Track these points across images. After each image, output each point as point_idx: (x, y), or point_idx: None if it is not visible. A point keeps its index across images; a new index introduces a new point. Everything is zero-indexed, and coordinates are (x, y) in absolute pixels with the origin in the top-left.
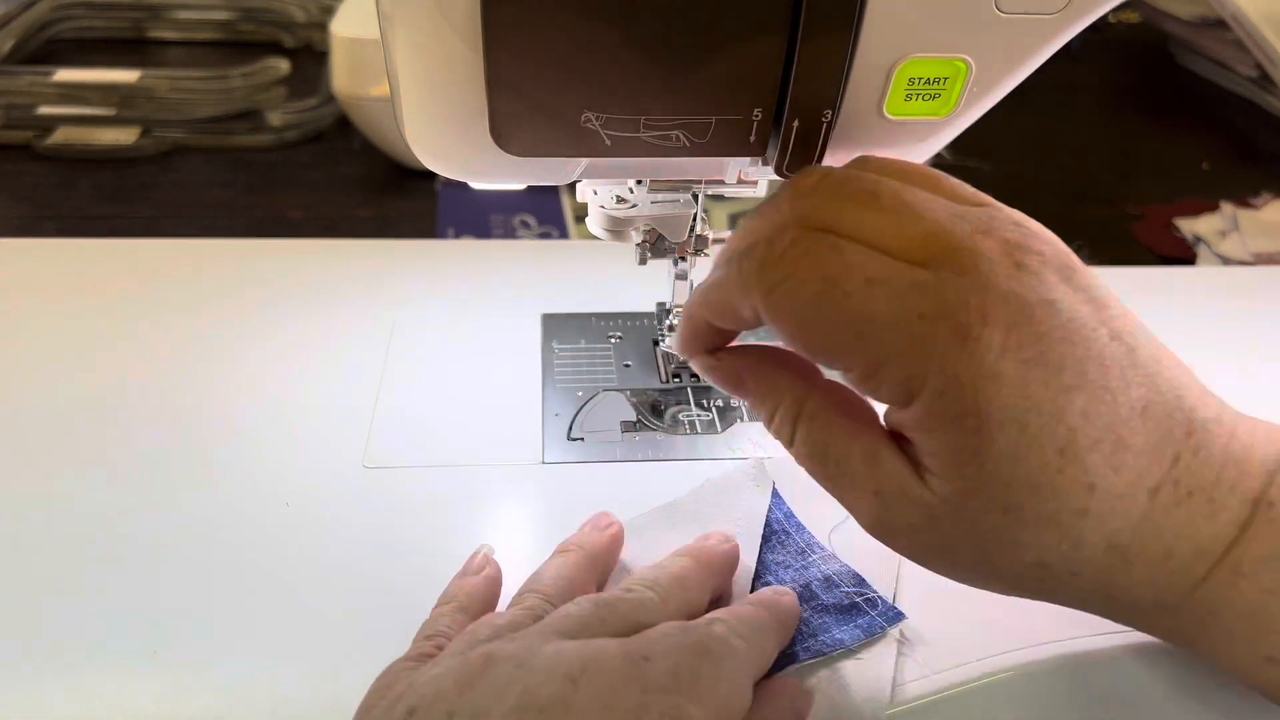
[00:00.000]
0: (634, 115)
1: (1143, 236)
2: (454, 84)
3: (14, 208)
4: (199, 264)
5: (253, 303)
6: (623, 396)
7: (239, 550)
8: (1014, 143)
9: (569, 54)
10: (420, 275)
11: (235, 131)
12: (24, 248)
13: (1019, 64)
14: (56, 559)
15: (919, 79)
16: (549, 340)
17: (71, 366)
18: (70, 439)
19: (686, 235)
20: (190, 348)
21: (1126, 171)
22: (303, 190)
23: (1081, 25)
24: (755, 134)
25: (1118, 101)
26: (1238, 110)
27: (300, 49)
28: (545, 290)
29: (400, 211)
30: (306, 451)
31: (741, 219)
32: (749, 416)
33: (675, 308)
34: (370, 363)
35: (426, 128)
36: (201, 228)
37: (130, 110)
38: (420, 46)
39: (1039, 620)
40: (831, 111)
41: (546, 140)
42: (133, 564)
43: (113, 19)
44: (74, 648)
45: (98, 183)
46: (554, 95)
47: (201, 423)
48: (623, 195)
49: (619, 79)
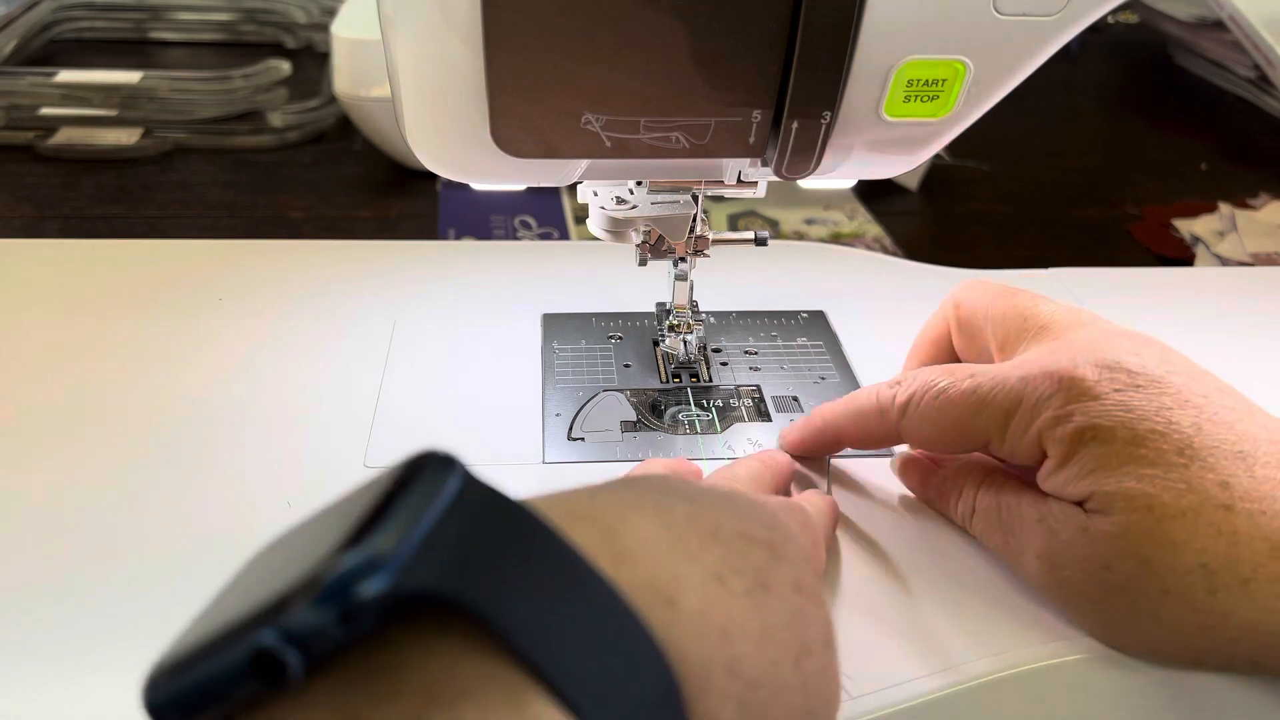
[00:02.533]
0: (634, 116)
1: (1141, 237)
2: (455, 85)
3: (16, 208)
4: (200, 264)
5: (254, 303)
6: (623, 396)
7: (240, 550)
8: (1014, 143)
9: (569, 55)
10: (421, 276)
11: (237, 132)
12: (26, 248)
13: (1018, 65)
14: (56, 559)
15: (918, 80)
16: (549, 340)
17: (73, 366)
18: (71, 438)
19: (686, 236)
20: (191, 348)
21: (1125, 172)
22: (304, 191)
23: (1080, 27)
24: (755, 135)
25: (1116, 102)
26: (1236, 111)
27: (301, 50)
28: (545, 290)
29: (401, 212)
30: (308, 451)
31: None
32: (749, 417)
33: (675, 308)
34: (371, 363)
35: (427, 129)
36: (203, 228)
37: (132, 111)
38: (421, 48)
39: (1037, 620)
40: (831, 112)
41: (547, 142)
42: (133, 564)
43: (114, 20)
44: (74, 648)
45: (100, 183)
46: (554, 97)
47: (203, 422)
48: (623, 196)
49: (619, 80)
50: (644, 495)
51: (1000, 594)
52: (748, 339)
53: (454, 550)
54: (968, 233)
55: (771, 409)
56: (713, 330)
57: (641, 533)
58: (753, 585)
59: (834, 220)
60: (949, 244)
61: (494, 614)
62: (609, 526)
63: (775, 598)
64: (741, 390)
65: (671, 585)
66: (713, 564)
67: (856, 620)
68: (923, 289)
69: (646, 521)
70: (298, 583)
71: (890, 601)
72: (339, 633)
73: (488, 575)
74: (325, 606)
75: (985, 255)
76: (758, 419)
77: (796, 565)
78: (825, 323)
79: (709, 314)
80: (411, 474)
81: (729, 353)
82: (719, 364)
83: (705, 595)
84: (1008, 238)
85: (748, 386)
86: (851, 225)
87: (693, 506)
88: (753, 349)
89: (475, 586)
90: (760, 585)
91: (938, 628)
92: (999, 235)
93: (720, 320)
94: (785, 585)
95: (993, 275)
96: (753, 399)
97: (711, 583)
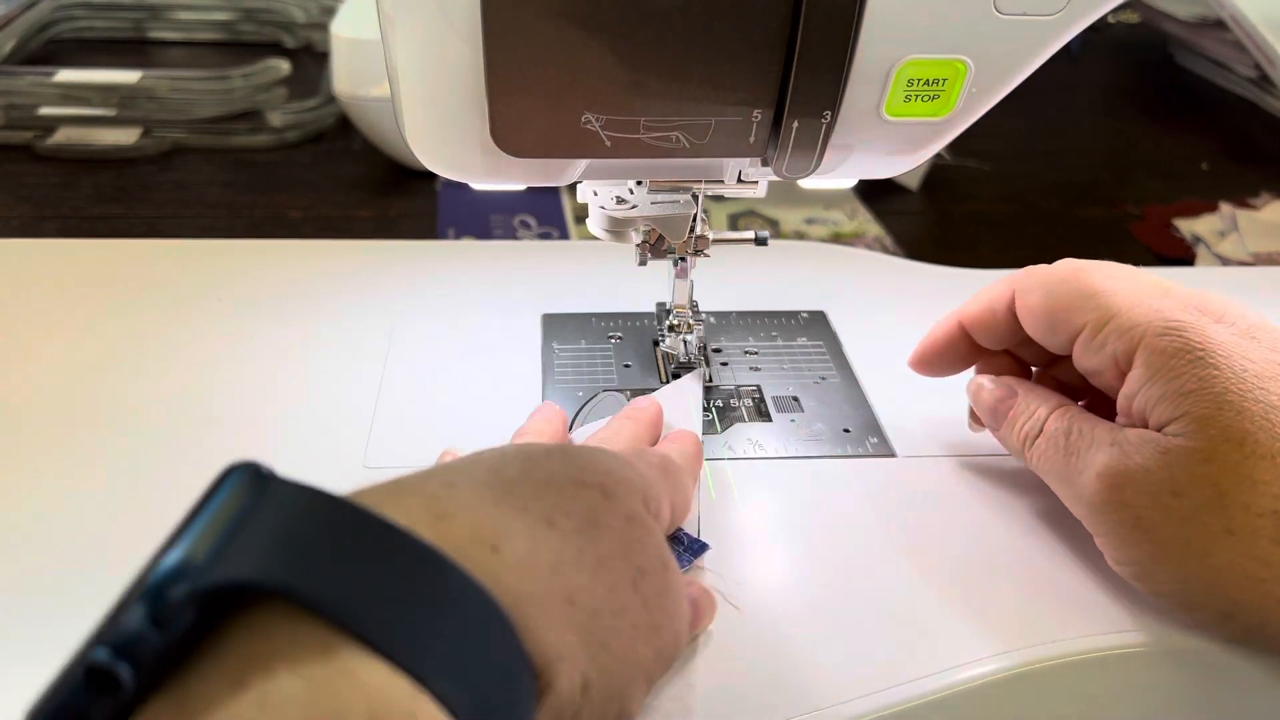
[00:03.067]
0: (634, 116)
1: (1142, 236)
2: (454, 85)
3: (15, 208)
4: (199, 264)
5: (253, 303)
6: (623, 396)
7: None
8: (1014, 143)
9: (569, 55)
10: (421, 275)
11: (236, 132)
12: (25, 248)
13: (1018, 65)
14: (56, 559)
15: (918, 80)
16: (549, 340)
17: (72, 366)
18: (70, 438)
19: (686, 235)
20: (190, 348)
21: (1126, 172)
22: (303, 190)
23: (1080, 26)
24: (755, 135)
25: (1117, 101)
26: (1237, 111)
27: (301, 49)
28: (545, 290)
29: (400, 212)
30: (307, 452)
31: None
32: (749, 417)
33: (675, 308)
34: (371, 363)
35: (427, 128)
36: (202, 228)
37: (131, 111)
38: (421, 47)
39: (1039, 620)
40: (831, 112)
41: (547, 141)
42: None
43: (113, 19)
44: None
45: (98, 183)
46: (554, 96)
47: (202, 422)
48: (623, 196)
49: (619, 80)
50: (480, 460)
51: (1003, 593)
52: (748, 339)
53: (256, 541)
54: (968, 232)
55: (772, 409)
56: (713, 330)
57: (466, 493)
58: (583, 523)
59: (834, 220)
60: (950, 244)
61: (297, 588)
62: (432, 494)
63: (606, 530)
64: (742, 390)
65: (495, 534)
66: (543, 510)
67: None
68: (923, 289)
69: (473, 484)
70: (120, 599)
71: (956, 584)
72: (157, 636)
73: (290, 557)
74: (138, 614)
75: (986, 255)
76: (758, 419)
77: (629, 499)
78: (825, 323)
79: (709, 314)
80: (215, 485)
81: (729, 353)
82: (719, 364)
83: (533, 537)
84: (1008, 237)
85: (748, 386)
86: (852, 225)
87: (527, 464)
88: (753, 349)
89: (278, 570)
90: (590, 522)
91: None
92: (1000, 235)
93: (720, 320)
94: (616, 518)
95: (993, 275)
96: (753, 399)
97: (540, 526)
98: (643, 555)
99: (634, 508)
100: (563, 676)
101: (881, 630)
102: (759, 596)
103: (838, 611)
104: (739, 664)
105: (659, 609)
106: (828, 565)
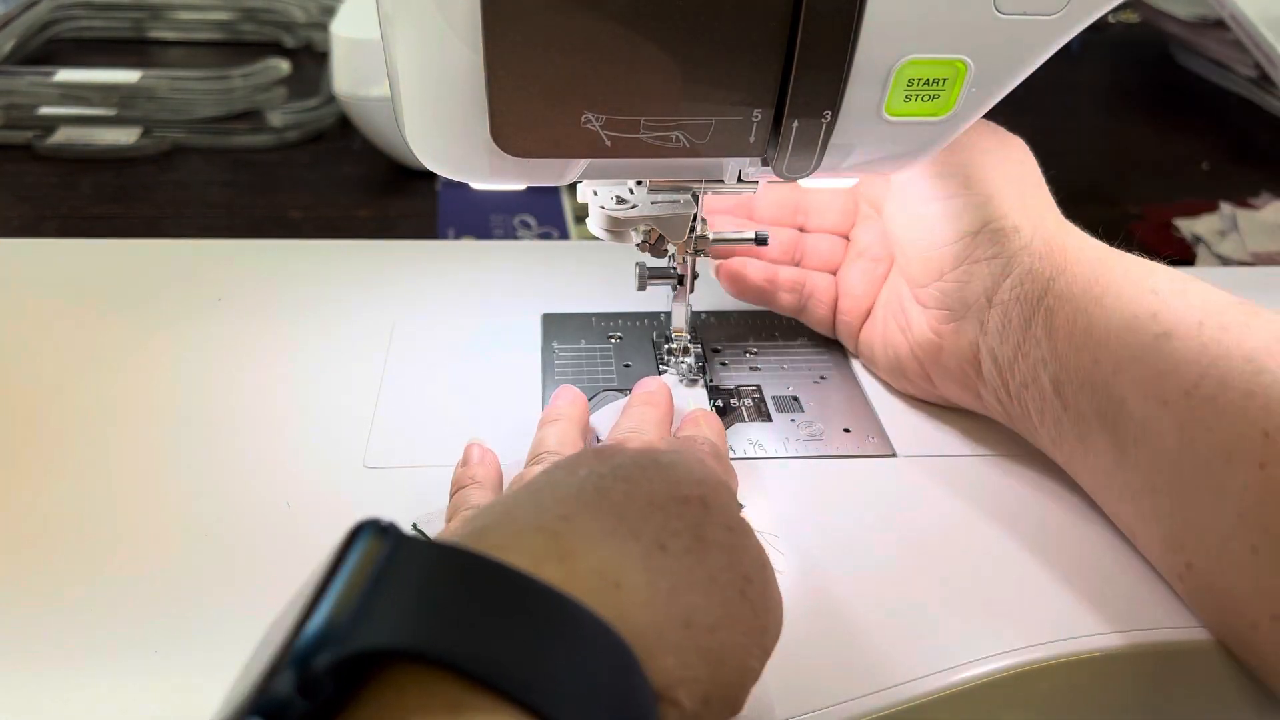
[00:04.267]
0: (634, 116)
1: (1142, 236)
2: (454, 84)
3: (15, 208)
4: (199, 264)
5: (253, 303)
6: (623, 396)
7: (240, 550)
8: None
9: (569, 54)
10: (421, 275)
11: (236, 132)
12: (25, 248)
13: (1018, 65)
14: (56, 559)
15: (918, 79)
16: (549, 340)
17: (72, 366)
18: (70, 439)
19: (686, 235)
20: (190, 348)
21: (1126, 171)
22: (303, 190)
23: (1081, 26)
24: (755, 135)
25: (1117, 101)
26: (1237, 110)
27: (301, 49)
28: (545, 290)
29: (400, 212)
30: (308, 452)
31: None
32: (749, 417)
33: (674, 332)
34: (371, 363)
35: (427, 128)
36: (202, 228)
37: (131, 110)
38: (421, 47)
39: (1039, 620)
40: (831, 112)
41: (547, 141)
42: (133, 564)
43: (113, 19)
44: (74, 647)
45: (98, 183)
46: (554, 96)
47: (202, 423)
48: (623, 196)
49: (619, 79)
50: (585, 484)
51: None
52: (748, 339)
53: (394, 605)
54: None
55: (772, 409)
56: (713, 330)
57: (583, 526)
58: (691, 541)
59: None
60: None
61: (431, 650)
62: (554, 531)
63: (712, 545)
64: (742, 390)
65: (617, 570)
66: (653, 533)
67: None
68: None
69: (588, 511)
70: (264, 669)
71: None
72: (303, 703)
73: (426, 618)
74: (286, 682)
75: None
76: (758, 419)
77: (726, 508)
78: None
79: (709, 314)
80: (346, 544)
81: (729, 353)
82: (719, 364)
83: (649, 566)
84: None
85: (748, 386)
86: None
87: (628, 485)
88: (753, 349)
89: (415, 633)
90: (697, 539)
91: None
92: None
93: (720, 320)
94: (719, 530)
95: None
96: (753, 399)
97: (655, 552)
98: (746, 562)
99: (731, 514)
100: (684, 699)
101: (881, 630)
102: None
103: (837, 611)
104: None
105: (764, 610)
106: (827, 564)
